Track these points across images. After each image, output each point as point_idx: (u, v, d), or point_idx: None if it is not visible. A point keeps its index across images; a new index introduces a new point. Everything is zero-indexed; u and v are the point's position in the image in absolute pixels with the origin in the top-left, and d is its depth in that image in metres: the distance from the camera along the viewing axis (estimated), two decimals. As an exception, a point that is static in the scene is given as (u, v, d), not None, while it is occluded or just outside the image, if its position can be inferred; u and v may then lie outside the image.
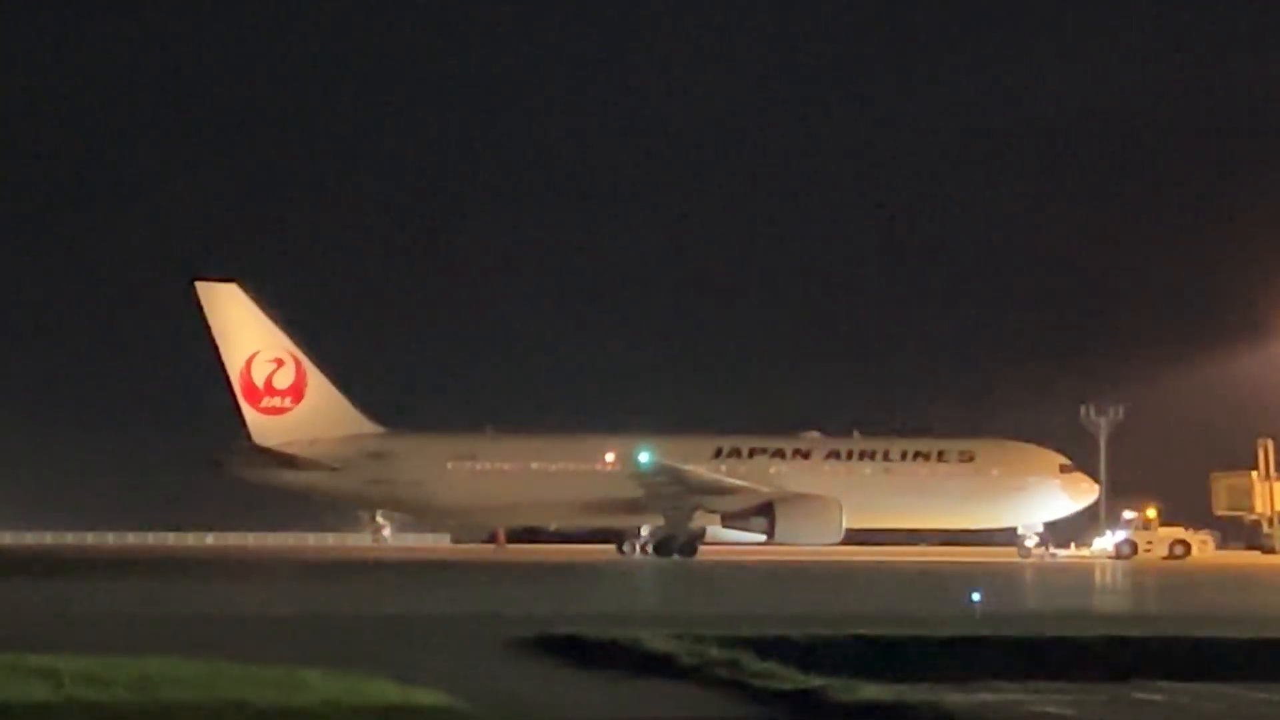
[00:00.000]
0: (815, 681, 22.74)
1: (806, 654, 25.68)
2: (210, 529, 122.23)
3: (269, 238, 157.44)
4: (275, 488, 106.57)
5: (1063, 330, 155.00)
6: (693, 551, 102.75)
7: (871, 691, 21.98)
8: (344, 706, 22.08)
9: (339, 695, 22.68)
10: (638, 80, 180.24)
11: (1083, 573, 79.12)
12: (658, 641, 25.53)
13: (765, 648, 25.26)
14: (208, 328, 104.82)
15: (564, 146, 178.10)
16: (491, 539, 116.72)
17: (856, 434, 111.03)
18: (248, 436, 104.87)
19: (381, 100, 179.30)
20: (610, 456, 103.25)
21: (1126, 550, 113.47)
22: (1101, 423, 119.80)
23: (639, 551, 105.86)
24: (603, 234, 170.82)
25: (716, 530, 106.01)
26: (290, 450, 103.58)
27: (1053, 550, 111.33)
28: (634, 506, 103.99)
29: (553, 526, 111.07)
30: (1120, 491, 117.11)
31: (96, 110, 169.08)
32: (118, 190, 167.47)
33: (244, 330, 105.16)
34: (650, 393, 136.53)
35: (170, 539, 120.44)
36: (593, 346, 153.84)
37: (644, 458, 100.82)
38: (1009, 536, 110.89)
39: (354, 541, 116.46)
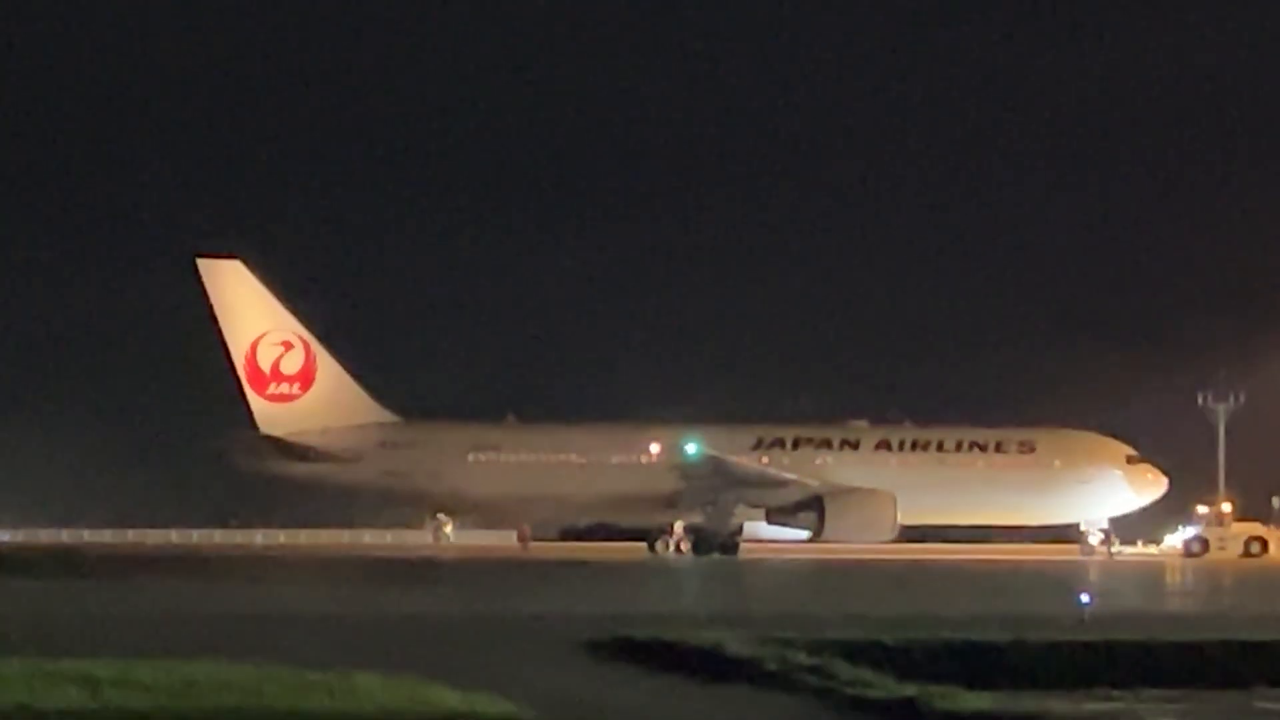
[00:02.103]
0: (911, 689, 22.71)
1: (900, 659, 25.63)
2: (262, 526, 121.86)
3: (275, 210, 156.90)
4: (283, 480, 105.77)
5: (1176, 309, 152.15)
6: (734, 549, 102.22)
7: (972, 700, 21.97)
8: (402, 714, 22.16)
9: (396, 702, 22.83)
10: (663, 53, 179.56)
11: (1152, 572, 78.84)
12: (739, 645, 25.51)
13: (855, 652, 25.21)
14: (210, 308, 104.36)
15: (589, 120, 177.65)
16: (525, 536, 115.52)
17: (907, 422, 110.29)
18: (253, 426, 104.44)
19: (402, 64, 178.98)
20: (655, 447, 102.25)
21: (1197, 548, 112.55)
22: (1220, 410, 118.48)
23: (673, 550, 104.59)
24: (631, 208, 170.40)
25: (755, 527, 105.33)
26: (299, 440, 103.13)
27: (1118, 547, 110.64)
28: (672, 501, 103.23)
29: (581, 523, 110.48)
30: (1237, 485, 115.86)
31: (91, 82, 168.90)
32: (115, 158, 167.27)
33: (249, 311, 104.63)
34: (682, 379, 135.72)
35: (217, 537, 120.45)
36: (619, 329, 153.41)
37: (691, 448, 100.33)
38: (1055, 532, 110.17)
39: (414, 539, 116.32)
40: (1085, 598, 36.85)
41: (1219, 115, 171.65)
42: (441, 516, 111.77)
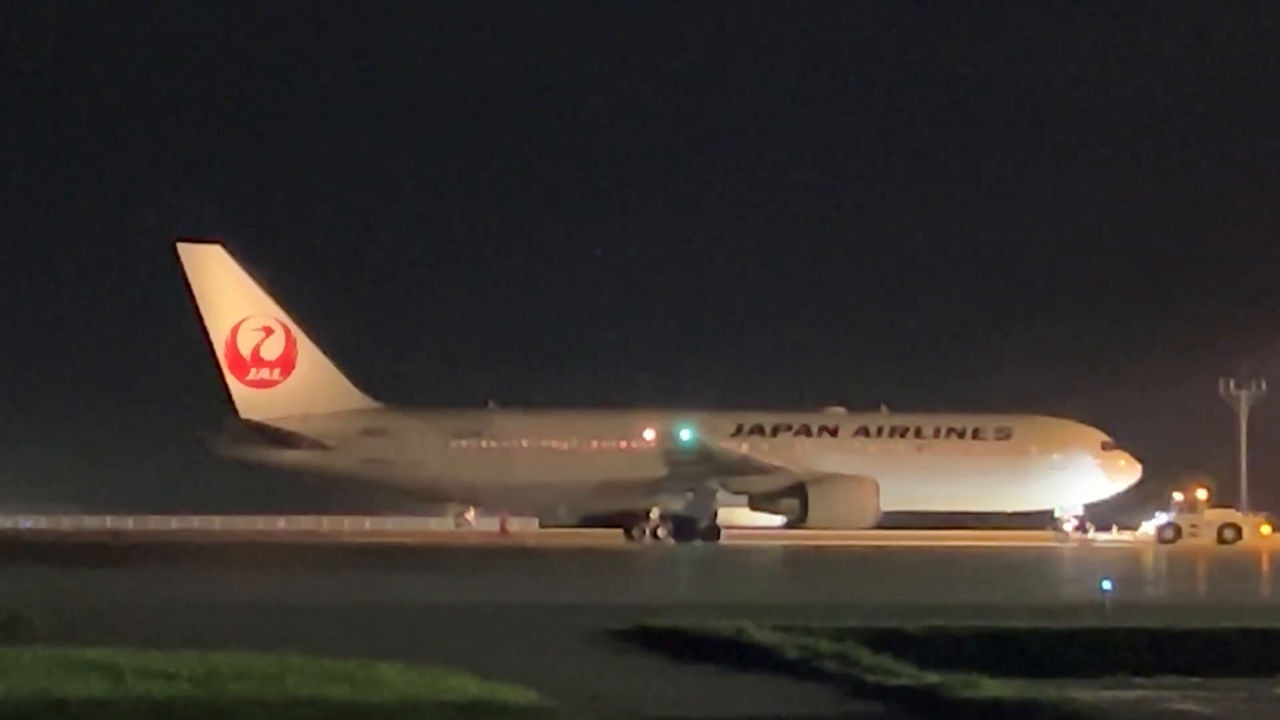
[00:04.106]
0: (933, 677, 22.66)
1: (921, 647, 25.59)
2: (284, 513, 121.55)
3: (257, 196, 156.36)
4: (264, 467, 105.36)
5: (1198, 295, 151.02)
6: (716, 536, 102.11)
7: (994, 688, 21.94)
8: (424, 703, 22.07)
9: (418, 691, 22.78)
10: (641, 45, 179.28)
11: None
12: (761, 633, 25.46)
13: (877, 640, 25.16)
14: (191, 293, 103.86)
15: (572, 108, 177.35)
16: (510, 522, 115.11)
17: (884, 408, 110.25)
18: (234, 411, 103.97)
19: (383, 50, 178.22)
20: (650, 434, 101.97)
21: (1170, 534, 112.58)
22: (1242, 397, 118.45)
23: (650, 537, 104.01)
24: (610, 197, 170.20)
25: (728, 513, 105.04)
26: (281, 426, 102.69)
27: (1091, 534, 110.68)
28: (654, 488, 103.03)
29: (562, 510, 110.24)
30: (1260, 473, 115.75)
31: (73, 67, 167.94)
32: (96, 143, 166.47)
33: (229, 296, 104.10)
34: (660, 366, 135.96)
35: (239, 523, 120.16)
36: (597, 317, 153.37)
37: (686, 435, 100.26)
38: (1025, 519, 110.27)
39: (436, 525, 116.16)
40: (1107, 585, 36.60)
41: (1242, 97, 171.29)
42: (464, 503, 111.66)
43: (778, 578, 55.92)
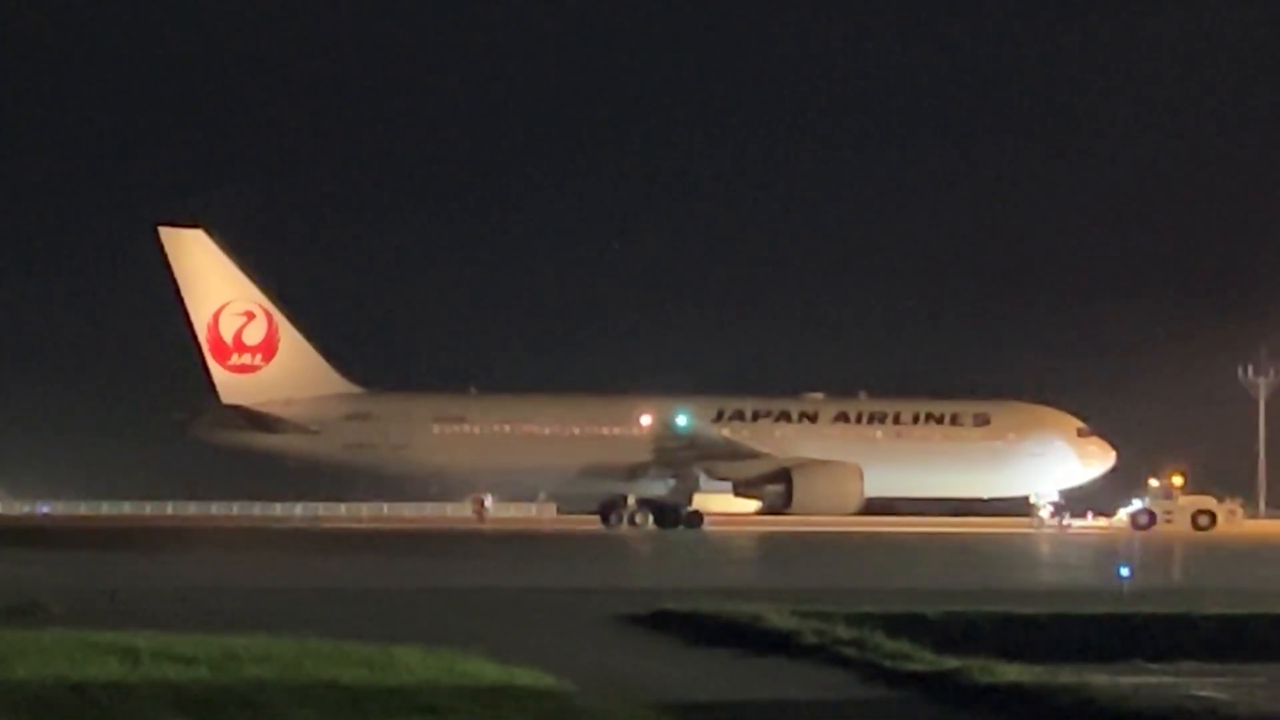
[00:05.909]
0: (951, 662, 22.58)
1: (938, 632, 25.49)
2: (302, 498, 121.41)
3: (238, 180, 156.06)
4: (246, 451, 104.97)
5: (1219, 284, 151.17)
6: (699, 522, 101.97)
7: (1012, 673, 21.88)
8: (441, 687, 22.03)
9: (435, 675, 22.72)
10: (623, 36, 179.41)
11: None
12: (778, 618, 25.34)
13: (894, 625, 25.07)
14: (172, 278, 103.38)
15: (551, 94, 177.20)
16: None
17: (863, 394, 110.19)
18: (215, 396, 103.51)
19: (364, 35, 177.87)
20: (647, 419, 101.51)
21: (1144, 520, 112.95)
22: (1261, 384, 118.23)
23: (627, 523, 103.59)
24: (590, 186, 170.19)
25: (702, 499, 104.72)
26: (263, 411, 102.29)
27: (1067, 520, 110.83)
28: (636, 473, 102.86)
29: (542, 494, 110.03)
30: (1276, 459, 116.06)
31: (56, 52, 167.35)
32: (78, 126, 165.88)
33: (211, 280, 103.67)
34: (641, 351, 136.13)
35: (257, 508, 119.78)
36: (578, 303, 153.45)
37: (682, 421, 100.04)
38: (996, 504, 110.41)
39: (453, 512, 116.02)
40: (1125, 570, 36.51)
41: (1255, 77, 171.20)
42: (481, 490, 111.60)
43: (778, 563, 55.83)
